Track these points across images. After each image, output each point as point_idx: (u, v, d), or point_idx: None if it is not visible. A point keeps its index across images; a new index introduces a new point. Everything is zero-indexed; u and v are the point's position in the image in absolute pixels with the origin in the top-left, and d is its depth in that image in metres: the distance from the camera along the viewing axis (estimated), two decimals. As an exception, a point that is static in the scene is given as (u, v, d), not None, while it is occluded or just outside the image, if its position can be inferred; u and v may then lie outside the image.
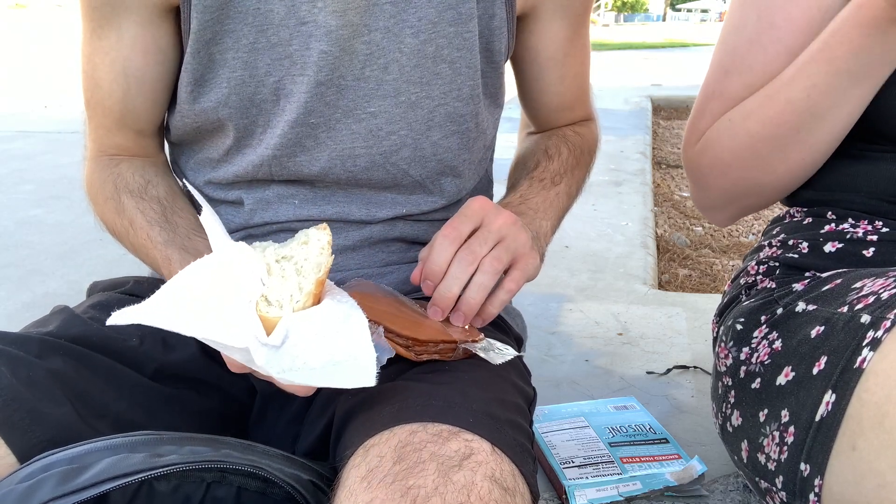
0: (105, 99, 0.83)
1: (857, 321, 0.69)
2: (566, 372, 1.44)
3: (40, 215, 2.64)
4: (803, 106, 0.76)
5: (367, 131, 0.79)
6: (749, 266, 0.95)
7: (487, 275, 0.71)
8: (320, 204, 0.83)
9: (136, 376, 0.75)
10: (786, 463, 0.73)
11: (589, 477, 1.00)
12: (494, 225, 0.73)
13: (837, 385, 0.68)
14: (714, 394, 0.94)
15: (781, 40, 0.80)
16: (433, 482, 0.54)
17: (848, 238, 0.83)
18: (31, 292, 1.94)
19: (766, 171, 0.83)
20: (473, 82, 0.82)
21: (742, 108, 0.83)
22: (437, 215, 0.89)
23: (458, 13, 0.79)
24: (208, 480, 0.58)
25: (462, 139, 0.84)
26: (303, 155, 0.80)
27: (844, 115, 0.77)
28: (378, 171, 0.82)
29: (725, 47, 0.86)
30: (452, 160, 0.85)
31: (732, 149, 0.83)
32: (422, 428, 0.60)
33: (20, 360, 0.68)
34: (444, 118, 0.82)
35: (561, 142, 0.95)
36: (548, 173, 0.90)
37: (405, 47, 0.77)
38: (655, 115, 5.62)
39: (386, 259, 0.87)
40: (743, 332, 0.86)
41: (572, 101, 0.98)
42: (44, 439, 0.63)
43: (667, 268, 2.41)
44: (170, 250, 0.76)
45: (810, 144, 0.80)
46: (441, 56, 0.79)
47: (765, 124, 0.80)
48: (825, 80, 0.74)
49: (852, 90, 0.75)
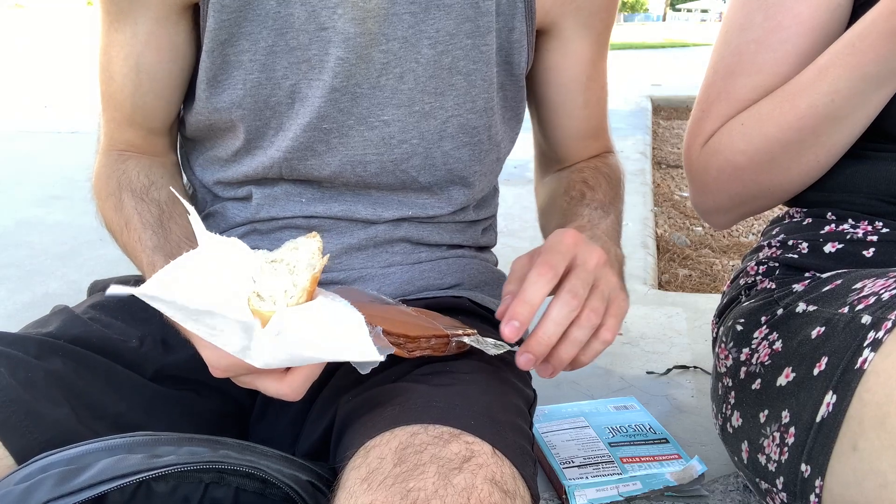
0: (117, 93, 0.83)
1: (858, 322, 0.69)
2: (566, 372, 1.43)
3: (40, 215, 2.64)
4: (826, 111, 0.76)
5: (380, 139, 0.79)
6: (749, 266, 0.95)
7: (585, 330, 0.64)
8: (327, 202, 0.83)
9: (136, 377, 0.75)
10: (786, 464, 0.73)
11: (589, 477, 1.00)
12: (590, 264, 0.65)
13: (838, 386, 0.67)
14: (714, 394, 0.94)
15: (790, 40, 0.80)
16: (433, 484, 0.54)
17: (848, 238, 0.83)
18: (31, 292, 1.94)
19: (780, 174, 0.83)
20: (488, 95, 0.82)
21: (756, 112, 0.81)
22: (444, 219, 0.89)
23: (476, 26, 0.79)
24: (206, 481, 0.58)
25: (474, 151, 0.84)
26: (313, 159, 0.80)
27: (863, 117, 0.76)
28: (387, 177, 0.82)
29: (729, 48, 0.85)
30: (463, 171, 0.85)
31: (747, 152, 0.82)
32: (422, 430, 0.60)
33: (19, 361, 0.68)
34: (456, 129, 0.81)
35: (597, 174, 0.91)
36: (597, 202, 0.85)
37: (422, 58, 0.77)
38: (655, 115, 5.61)
39: (389, 259, 0.87)
40: (743, 333, 0.86)
41: (596, 129, 0.95)
42: (42, 440, 0.63)
43: (667, 268, 2.41)
44: (156, 256, 0.74)
45: (828, 147, 0.79)
46: (457, 68, 0.79)
47: (783, 128, 0.79)
48: (849, 86, 0.73)
49: (874, 95, 0.74)
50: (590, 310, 0.64)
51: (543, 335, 0.63)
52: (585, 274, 0.64)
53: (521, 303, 0.63)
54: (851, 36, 0.73)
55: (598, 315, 0.64)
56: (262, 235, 0.85)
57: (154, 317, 0.81)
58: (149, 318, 0.81)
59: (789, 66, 0.80)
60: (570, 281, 0.64)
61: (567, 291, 0.63)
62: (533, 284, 0.63)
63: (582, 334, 0.64)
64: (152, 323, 0.81)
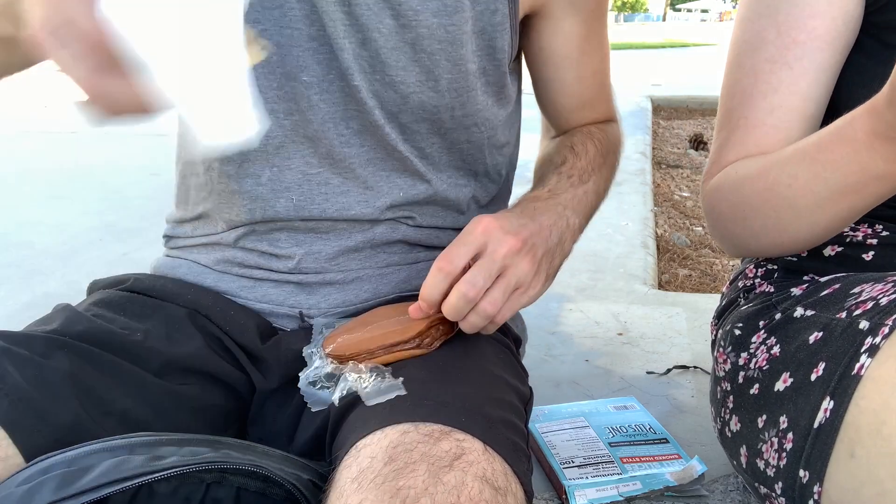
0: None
1: (856, 327, 0.69)
2: (566, 372, 1.44)
3: (40, 215, 2.64)
4: (786, 192, 0.73)
5: (353, 100, 0.79)
6: (747, 269, 0.95)
7: (480, 317, 0.71)
8: (319, 202, 0.83)
9: (141, 372, 0.75)
10: (785, 469, 0.73)
11: (589, 477, 1.00)
12: (499, 253, 0.70)
13: (835, 392, 0.67)
14: (713, 398, 0.94)
15: (806, 56, 0.77)
16: (423, 482, 0.54)
17: (847, 241, 0.83)
18: (31, 292, 1.94)
19: (753, 239, 0.81)
20: (452, 76, 0.81)
21: (745, 166, 0.79)
22: (438, 221, 0.89)
23: (444, 4, 0.78)
24: (208, 481, 0.58)
25: (433, 126, 0.83)
26: (297, 115, 0.80)
27: (827, 218, 0.72)
28: (369, 138, 0.82)
29: (744, 70, 0.81)
30: (421, 142, 0.84)
31: (730, 200, 0.80)
32: (413, 428, 0.60)
33: (26, 359, 0.68)
34: (416, 105, 0.81)
35: (587, 139, 0.93)
36: (576, 170, 0.87)
37: (384, 28, 0.77)
38: (655, 115, 5.62)
39: (387, 260, 0.87)
40: (741, 338, 0.86)
41: (591, 100, 0.96)
42: (52, 439, 0.63)
43: (667, 268, 2.41)
44: None
45: (790, 233, 0.76)
46: (420, 46, 0.78)
47: (756, 192, 0.76)
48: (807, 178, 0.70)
49: (828, 200, 0.70)
50: (487, 301, 0.70)
51: (445, 314, 0.71)
52: (490, 264, 0.70)
53: (421, 298, 0.71)
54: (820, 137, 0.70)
55: (496, 306, 0.71)
56: (260, 236, 0.85)
57: (156, 312, 0.82)
58: (151, 314, 0.81)
59: (808, 83, 0.77)
60: (472, 270, 0.70)
61: (465, 281, 0.69)
62: (430, 278, 0.70)
63: (477, 320, 0.71)
64: (155, 318, 0.81)
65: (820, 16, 0.76)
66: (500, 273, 0.71)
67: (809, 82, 0.77)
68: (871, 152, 0.64)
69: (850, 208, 0.70)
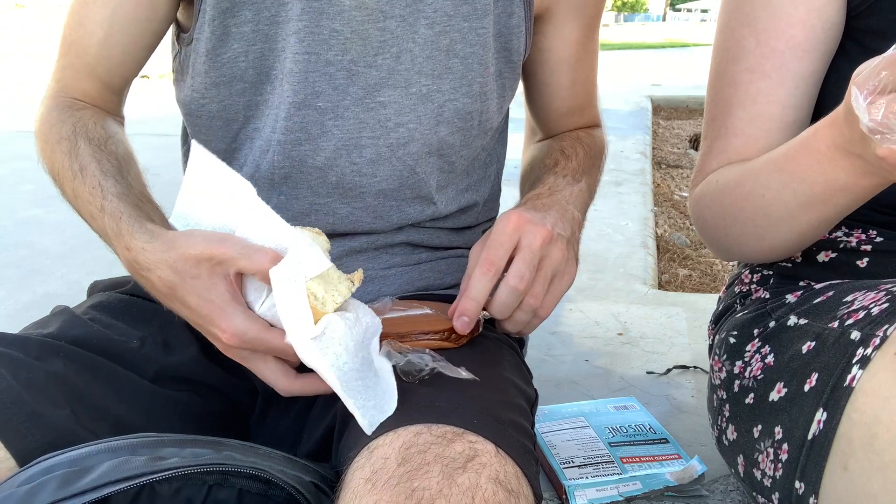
0: (84, 38, 0.82)
1: (847, 337, 0.68)
2: (566, 372, 1.44)
3: (40, 215, 2.64)
4: (759, 203, 0.74)
5: (376, 121, 0.79)
6: (744, 274, 0.95)
7: (526, 313, 0.74)
8: (324, 228, 0.83)
9: (137, 379, 0.75)
10: (781, 480, 0.72)
11: (589, 477, 1.00)
12: (535, 245, 0.72)
13: (828, 403, 0.67)
14: (710, 405, 0.94)
15: (785, 65, 0.77)
16: (438, 484, 0.54)
17: (841, 248, 0.82)
18: (31, 292, 1.94)
19: (735, 247, 0.82)
20: (483, 79, 0.82)
21: (725, 175, 0.80)
22: (442, 223, 0.89)
23: (474, 8, 0.79)
24: (210, 483, 0.58)
25: (464, 136, 0.84)
26: (308, 144, 0.79)
27: (799, 228, 0.73)
28: (384, 167, 0.81)
29: (724, 80, 0.82)
30: (452, 156, 0.85)
31: (712, 209, 0.81)
32: (426, 429, 0.60)
33: (20, 362, 0.68)
34: (452, 114, 0.82)
35: (576, 143, 0.94)
36: (569, 171, 0.89)
37: (419, 38, 0.77)
38: (655, 115, 5.61)
39: (390, 261, 0.87)
40: (736, 346, 0.86)
41: (581, 105, 0.98)
42: (43, 442, 0.63)
43: (667, 268, 2.41)
44: (123, 204, 0.71)
45: (768, 241, 0.77)
46: (454, 50, 0.79)
47: (734, 201, 0.77)
48: (777, 188, 0.72)
49: (799, 210, 0.71)
50: (531, 296, 0.73)
51: (494, 313, 0.74)
52: (531, 255, 0.72)
53: (467, 300, 0.72)
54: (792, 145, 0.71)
55: (538, 300, 0.74)
56: None
57: (155, 317, 0.81)
58: (150, 319, 0.81)
59: (787, 91, 0.77)
60: (516, 264, 0.71)
61: (514, 276, 0.71)
62: (477, 282, 0.71)
63: (524, 316, 0.75)
64: (153, 324, 0.80)
65: (799, 24, 0.75)
66: (539, 266, 0.73)
67: (789, 91, 0.77)
68: (832, 164, 0.64)
69: (819, 218, 0.71)
